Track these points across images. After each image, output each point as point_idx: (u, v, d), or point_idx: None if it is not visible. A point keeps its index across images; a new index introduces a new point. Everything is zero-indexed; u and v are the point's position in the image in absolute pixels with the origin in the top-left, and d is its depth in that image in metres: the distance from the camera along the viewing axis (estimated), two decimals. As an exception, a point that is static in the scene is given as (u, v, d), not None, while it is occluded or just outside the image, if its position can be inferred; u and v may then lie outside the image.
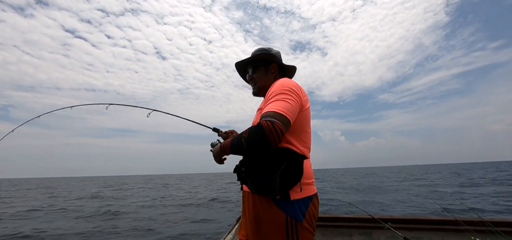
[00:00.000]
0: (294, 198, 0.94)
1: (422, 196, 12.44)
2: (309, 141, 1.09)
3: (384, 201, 10.83)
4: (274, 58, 1.23)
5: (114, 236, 6.24)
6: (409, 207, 9.33)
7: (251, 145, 0.90)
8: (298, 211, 0.94)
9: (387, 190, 15.35)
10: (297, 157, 0.96)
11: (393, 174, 39.17)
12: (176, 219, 8.16)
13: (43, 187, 35.32)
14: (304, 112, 1.05)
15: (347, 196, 13.35)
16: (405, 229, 2.12)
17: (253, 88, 1.27)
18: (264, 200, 0.97)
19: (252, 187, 1.00)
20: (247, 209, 1.08)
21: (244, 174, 1.01)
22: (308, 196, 0.99)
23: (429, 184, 19.06)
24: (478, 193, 12.93)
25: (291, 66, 1.29)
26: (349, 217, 2.40)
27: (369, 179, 26.98)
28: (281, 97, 0.96)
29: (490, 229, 1.91)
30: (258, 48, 1.28)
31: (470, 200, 10.30)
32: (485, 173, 32.04)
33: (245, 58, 1.26)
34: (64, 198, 16.52)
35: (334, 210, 8.55)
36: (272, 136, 0.85)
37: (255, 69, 1.25)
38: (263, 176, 0.94)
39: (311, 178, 1.03)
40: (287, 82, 1.04)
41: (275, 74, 1.24)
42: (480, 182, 19.28)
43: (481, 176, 26.12)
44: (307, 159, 1.03)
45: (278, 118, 0.89)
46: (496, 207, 8.72)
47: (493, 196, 11.23)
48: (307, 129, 1.08)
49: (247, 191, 1.08)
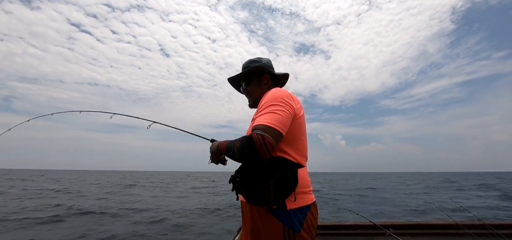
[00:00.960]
0: (291, 207, 0.93)
1: (423, 201, 12.39)
2: (305, 149, 1.08)
3: (384, 207, 10.74)
4: (265, 69, 1.23)
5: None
6: (410, 213, 9.31)
7: (242, 156, 0.92)
8: (295, 221, 0.93)
9: (387, 196, 15.23)
10: (291, 166, 0.95)
11: (393, 180, 38.99)
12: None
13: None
14: (298, 121, 1.03)
15: (347, 201, 13.20)
16: (406, 235, 2.10)
17: (249, 101, 1.27)
18: (261, 210, 0.96)
19: (247, 197, 0.99)
20: (245, 219, 1.08)
21: (239, 185, 1.00)
22: (306, 205, 0.98)
23: (429, 190, 18.99)
24: (478, 198, 12.94)
25: (284, 73, 1.28)
26: (350, 225, 2.35)
27: (369, 185, 26.77)
28: (272, 109, 0.95)
29: (491, 232, 1.90)
30: (248, 60, 1.28)
31: (470, 204, 10.34)
32: (487, 181, 31.98)
33: (237, 74, 1.27)
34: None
35: (335, 218, 8.45)
36: (261, 150, 0.85)
37: (248, 83, 1.25)
38: (257, 186, 0.92)
39: (308, 186, 1.02)
40: (278, 93, 1.02)
41: (269, 84, 1.24)
42: (480, 188, 19.31)
43: (482, 184, 26.05)
44: (303, 167, 1.02)
45: (269, 131, 0.89)
46: (496, 212, 8.80)
47: (493, 202, 11.26)
48: (302, 137, 1.06)
49: (244, 201, 1.08)
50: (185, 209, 9.50)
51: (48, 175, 57.05)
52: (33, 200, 11.67)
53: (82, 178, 41.70)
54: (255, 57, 1.28)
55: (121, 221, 7.47)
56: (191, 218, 8.00)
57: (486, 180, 33.25)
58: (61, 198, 12.75)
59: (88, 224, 6.93)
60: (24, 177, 40.52)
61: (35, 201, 11.12)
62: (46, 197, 12.99)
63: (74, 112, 1.76)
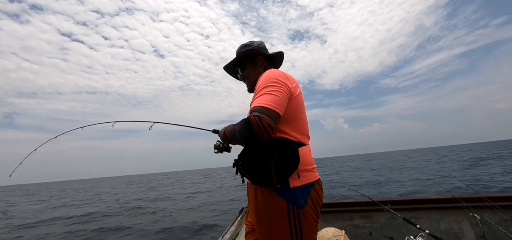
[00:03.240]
0: (294, 185, 0.96)
1: (422, 177, 12.61)
2: (306, 127, 1.10)
3: (385, 185, 11.00)
4: (258, 51, 1.23)
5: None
6: (410, 188, 9.43)
7: (242, 138, 0.96)
8: (299, 198, 0.95)
9: (388, 174, 15.49)
10: (290, 145, 0.97)
11: (396, 158, 39.47)
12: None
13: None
14: (295, 100, 1.05)
15: (347, 181, 13.61)
16: (404, 210, 2.15)
17: (247, 86, 1.29)
18: (265, 189, 0.99)
19: (250, 179, 1.01)
20: (250, 199, 1.11)
21: (241, 168, 1.02)
22: (310, 183, 1.00)
23: (429, 166, 19.22)
24: (479, 171, 13.10)
25: (278, 52, 1.29)
26: (349, 202, 2.44)
27: (369, 165, 27.16)
28: (268, 90, 0.97)
29: (488, 204, 1.95)
30: (240, 45, 1.28)
31: (470, 179, 10.42)
32: (488, 152, 32.34)
33: (231, 60, 1.28)
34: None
35: (335, 196, 8.71)
36: (259, 131, 0.88)
37: (243, 68, 1.26)
38: (259, 168, 0.94)
39: (311, 164, 1.04)
40: (273, 73, 1.04)
41: (264, 66, 1.25)
42: (481, 161, 19.46)
43: (482, 155, 26.41)
44: (304, 146, 1.04)
45: (266, 112, 0.91)
46: (494, 184, 8.86)
47: (495, 173, 11.44)
48: (301, 116, 1.08)
49: (249, 182, 1.11)
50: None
51: (70, 185, 58.05)
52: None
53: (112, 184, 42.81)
54: (247, 41, 1.29)
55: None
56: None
57: (489, 150, 33.70)
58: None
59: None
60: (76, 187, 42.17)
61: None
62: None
63: (76, 129, 1.79)
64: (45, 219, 9.69)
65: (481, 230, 1.98)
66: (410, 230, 2.09)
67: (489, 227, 1.92)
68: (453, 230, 2.08)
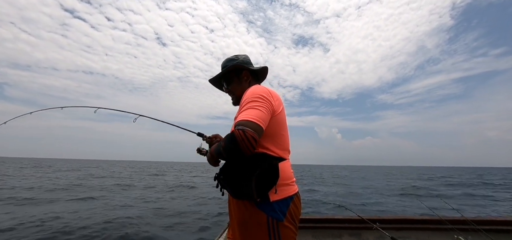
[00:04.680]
0: (274, 199, 0.99)
1: (410, 196, 12.80)
2: (287, 142, 1.14)
3: (373, 201, 11.03)
4: (243, 66, 1.26)
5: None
6: (397, 207, 9.56)
7: (227, 153, 0.97)
8: (278, 211, 0.98)
9: (377, 190, 15.66)
10: (271, 161, 1.00)
11: (386, 174, 40.04)
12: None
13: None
14: (278, 117, 1.09)
15: (337, 195, 13.59)
16: (392, 229, 2.19)
17: (232, 99, 1.32)
18: (246, 203, 1.01)
19: (231, 193, 1.05)
20: (232, 212, 1.13)
21: (222, 181, 1.05)
22: (289, 196, 1.03)
23: (417, 185, 19.61)
24: (465, 194, 13.44)
25: (262, 67, 1.32)
26: (339, 219, 2.46)
27: (360, 178, 27.42)
28: (252, 105, 1.00)
29: (473, 227, 2.01)
30: (226, 59, 1.31)
31: (454, 201, 10.73)
32: (476, 176, 33.26)
33: (216, 75, 1.31)
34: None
35: (324, 212, 8.70)
36: (244, 144, 0.89)
37: (229, 82, 1.29)
38: (240, 182, 0.98)
39: (290, 178, 1.07)
40: (258, 90, 1.07)
41: (249, 80, 1.28)
42: (468, 184, 20.17)
43: (470, 179, 27.17)
44: (284, 160, 1.07)
45: (250, 125, 0.93)
46: (478, 209, 9.13)
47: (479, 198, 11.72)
48: (283, 132, 1.11)
49: (230, 196, 1.13)
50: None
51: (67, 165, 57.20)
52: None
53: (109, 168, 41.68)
54: (232, 55, 1.31)
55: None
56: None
57: (479, 176, 34.62)
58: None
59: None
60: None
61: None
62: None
63: (55, 108, 1.73)
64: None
65: None
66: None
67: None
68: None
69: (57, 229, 5.31)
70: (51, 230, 5.30)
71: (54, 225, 5.62)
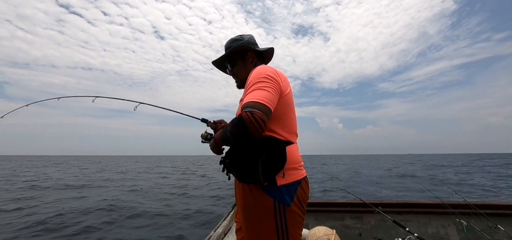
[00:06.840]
0: (281, 183, 0.96)
1: (411, 181, 13.01)
2: (294, 125, 1.09)
3: (374, 188, 11.19)
4: (248, 47, 1.20)
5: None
6: (399, 192, 9.75)
7: (235, 137, 0.92)
8: (285, 196, 0.96)
9: (379, 177, 15.87)
10: (278, 145, 0.96)
11: (387, 162, 40.25)
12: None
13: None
14: (285, 98, 1.04)
15: (339, 181, 13.87)
16: (394, 213, 2.21)
17: (236, 82, 1.27)
18: (253, 187, 0.99)
19: (237, 177, 1.02)
20: (238, 197, 1.11)
21: (228, 165, 1.02)
22: (296, 181, 1.01)
23: (418, 171, 19.79)
24: (465, 179, 13.53)
25: (268, 48, 1.26)
26: (341, 202, 2.49)
27: (362, 166, 27.61)
28: (259, 86, 0.96)
29: (474, 211, 2.03)
30: (230, 39, 1.25)
31: (455, 186, 10.82)
32: (475, 162, 33.44)
33: (221, 55, 1.25)
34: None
35: (327, 196, 8.89)
36: (253, 127, 0.86)
37: (233, 64, 1.23)
38: (246, 166, 0.94)
39: (298, 162, 1.04)
40: (264, 70, 1.02)
41: (254, 62, 1.22)
42: (469, 170, 20.27)
43: (468, 164, 27.30)
44: (292, 144, 1.03)
45: (258, 107, 0.89)
46: (480, 192, 9.24)
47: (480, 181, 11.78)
48: (290, 114, 1.07)
49: (236, 180, 1.11)
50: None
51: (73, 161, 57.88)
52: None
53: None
54: (237, 35, 1.25)
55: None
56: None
57: (481, 162, 34.78)
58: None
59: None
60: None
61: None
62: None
63: (52, 99, 1.70)
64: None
65: (467, 235, 2.08)
66: (399, 232, 2.15)
67: (474, 233, 2.01)
68: (440, 234, 2.17)
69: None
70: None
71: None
